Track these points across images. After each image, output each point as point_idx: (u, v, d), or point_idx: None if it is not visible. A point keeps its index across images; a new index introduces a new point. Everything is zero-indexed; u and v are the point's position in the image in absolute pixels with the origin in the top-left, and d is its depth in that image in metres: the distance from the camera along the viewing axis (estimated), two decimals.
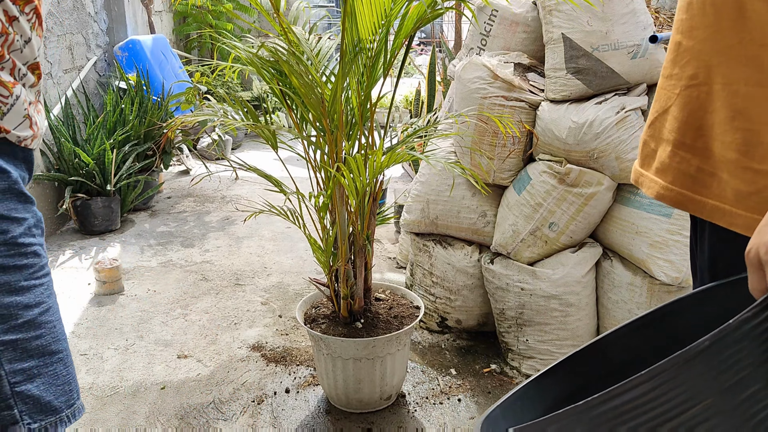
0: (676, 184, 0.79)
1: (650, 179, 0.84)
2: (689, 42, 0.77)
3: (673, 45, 0.81)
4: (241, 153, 5.25)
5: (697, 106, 0.76)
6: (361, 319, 1.75)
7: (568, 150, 1.87)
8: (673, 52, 0.81)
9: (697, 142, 0.76)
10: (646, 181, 0.84)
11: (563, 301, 1.94)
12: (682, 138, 0.78)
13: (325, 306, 1.85)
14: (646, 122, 0.86)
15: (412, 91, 5.54)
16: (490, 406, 0.92)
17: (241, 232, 3.37)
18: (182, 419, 1.72)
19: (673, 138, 0.79)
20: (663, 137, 0.82)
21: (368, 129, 1.67)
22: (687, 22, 0.77)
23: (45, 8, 3.62)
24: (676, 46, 0.80)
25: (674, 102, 0.79)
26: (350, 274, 1.71)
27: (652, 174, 0.83)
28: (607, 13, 1.81)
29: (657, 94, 0.84)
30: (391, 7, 1.42)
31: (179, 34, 6.14)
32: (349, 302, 1.72)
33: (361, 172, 1.46)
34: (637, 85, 1.90)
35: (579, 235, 1.98)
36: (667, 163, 0.80)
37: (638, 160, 0.88)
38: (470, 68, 1.98)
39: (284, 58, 1.48)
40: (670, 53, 0.82)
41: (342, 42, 1.48)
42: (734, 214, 0.72)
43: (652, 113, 0.85)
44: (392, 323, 1.75)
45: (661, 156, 0.82)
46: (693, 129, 0.77)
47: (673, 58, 0.80)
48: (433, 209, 2.17)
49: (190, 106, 3.92)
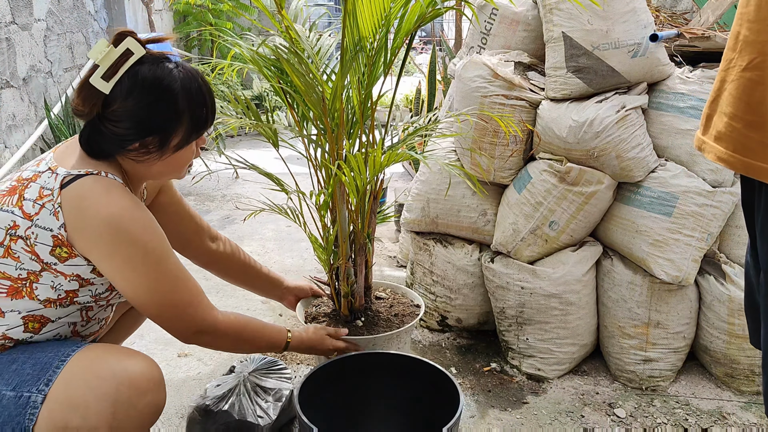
0: (736, 151, 0.94)
1: (710, 146, 0.99)
2: (747, 33, 0.92)
3: (733, 34, 0.96)
4: (239, 151, 5.25)
5: (750, 86, 0.91)
6: (361, 317, 1.74)
7: (568, 149, 1.87)
8: (733, 40, 0.96)
9: (750, 115, 0.91)
10: (707, 147, 1.00)
11: (563, 299, 1.94)
12: (736, 111, 0.94)
13: (326, 304, 1.85)
14: (708, 99, 1.02)
15: (412, 90, 5.54)
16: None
17: (242, 231, 3.37)
18: (183, 418, 1.73)
19: (729, 111, 0.95)
20: (721, 111, 0.97)
21: (369, 127, 1.67)
22: (746, 15, 0.93)
23: (45, 7, 3.62)
24: (736, 35, 0.95)
25: (731, 82, 0.95)
26: (351, 272, 1.71)
27: (711, 141, 0.99)
28: (608, 11, 1.80)
29: (718, 75, 1.00)
30: (390, 6, 1.41)
31: (179, 32, 6.14)
32: (349, 300, 1.72)
33: (362, 170, 1.47)
34: (638, 84, 1.90)
35: (579, 234, 1.98)
36: (723, 132, 0.96)
37: (700, 130, 1.04)
38: (471, 67, 1.98)
39: (285, 56, 1.48)
40: (730, 41, 0.97)
41: (343, 40, 1.48)
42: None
43: (713, 92, 1.01)
44: (393, 321, 1.75)
45: (718, 125, 0.98)
46: (746, 104, 0.92)
47: (733, 45, 0.96)
48: (433, 208, 2.17)
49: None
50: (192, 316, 1.21)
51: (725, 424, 1.76)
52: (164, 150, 1.20)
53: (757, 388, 1.88)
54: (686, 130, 1.85)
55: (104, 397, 1.06)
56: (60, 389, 1.07)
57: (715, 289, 1.87)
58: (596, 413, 1.80)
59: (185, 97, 1.18)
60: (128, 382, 1.09)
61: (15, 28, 3.25)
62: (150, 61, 1.17)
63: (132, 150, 1.17)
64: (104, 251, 1.11)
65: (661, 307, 1.89)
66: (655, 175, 1.87)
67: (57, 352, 1.13)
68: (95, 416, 1.06)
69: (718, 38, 1.91)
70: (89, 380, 1.08)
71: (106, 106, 1.14)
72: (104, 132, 1.15)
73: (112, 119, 1.14)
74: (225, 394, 1.58)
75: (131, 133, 1.15)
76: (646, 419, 1.78)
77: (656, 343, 1.91)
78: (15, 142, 3.22)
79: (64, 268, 1.14)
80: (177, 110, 1.17)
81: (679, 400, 1.87)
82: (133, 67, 1.14)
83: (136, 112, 1.14)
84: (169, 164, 1.23)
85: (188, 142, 1.22)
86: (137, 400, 1.09)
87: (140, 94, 1.14)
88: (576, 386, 1.94)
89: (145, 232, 1.14)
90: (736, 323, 1.84)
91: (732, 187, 1.84)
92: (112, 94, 1.13)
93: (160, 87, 1.15)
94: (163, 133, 1.18)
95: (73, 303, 1.18)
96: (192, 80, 1.20)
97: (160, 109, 1.16)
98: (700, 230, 1.82)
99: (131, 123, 1.14)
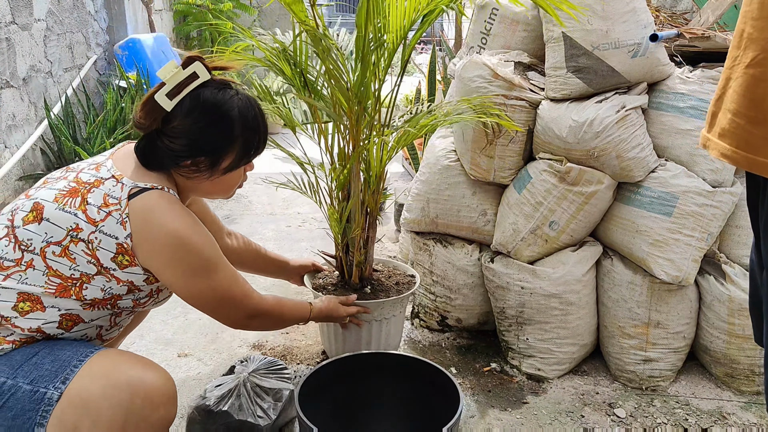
0: (740, 148, 0.95)
1: (714, 142, 0.99)
2: (751, 30, 0.93)
3: (738, 32, 0.97)
4: None
5: (754, 83, 0.92)
6: (368, 286, 1.91)
7: (568, 149, 1.87)
8: (737, 38, 0.97)
9: (754, 111, 0.92)
10: (712, 143, 1.00)
11: (563, 299, 1.94)
12: (740, 108, 0.94)
13: (331, 276, 1.99)
14: (713, 97, 1.02)
15: (412, 90, 5.54)
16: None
17: (242, 230, 3.37)
18: (183, 418, 1.73)
19: (733, 108, 0.95)
20: (725, 107, 0.98)
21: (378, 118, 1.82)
22: (750, 13, 0.94)
23: (45, 7, 3.62)
24: (740, 32, 0.96)
25: (736, 79, 0.96)
26: (362, 244, 1.86)
27: (716, 138, 0.99)
28: (608, 11, 1.80)
29: (723, 73, 1.00)
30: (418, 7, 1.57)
31: (179, 32, 6.14)
32: (360, 269, 1.89)
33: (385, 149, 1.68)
34: (638, 84, 1.89)
35: (579, 234, 1.98)
36: (727, 129, 0.96)
37: (705, 128, 1.04)
38: (470, 67, 1.98)
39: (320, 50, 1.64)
40: (735, 39, 0.98)
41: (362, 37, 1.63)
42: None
43: (718, 90, 1.01)
44: (394, 289, 1.92)
45: (722, 122, 0.98)
46: (749, 101, 0.93)
47: (737, 43, 0.96)
48: (433, 208, 2.17)
49: None
50: (245, 306, 1.35)
51: (725, 424, 1.76)
52: (214, 171, 1.27)
53: (757, 388, 1.88)
54: (686, 130, 1.85)
55: (118, 405, 1.08)
56: (75, 391, 1.09)
57: (715, 289, 1.87)
58: (596, 413, 1.80)
59: (241, 124, 1.25)
60: (143, 394, 1.11)
61: (15, 28, 3.25)
62: (213, 86, 1.24)
63: (183, 167, 1.25)
64: (167, 261, 1.20)
65: (661, 307, 1.89)
66: (655, 175, 1.87)
67: (77, 351, 1.15)
68: (106, 424, 1.07)
69: (718, 38, 1.91)
70: (105, 387, 1.09)
71: (166, 122, 1.21)
72: (160, 146, 1.22)
73: (169, 135, 1.21)
74: (225, 394, 1.59)
75: (185, 151, 1.22)
76: (646, 419, 1.78)
77: (656, 343, 1.91)
78: (15, 142, 3.22)
79: (121, 274, 1.19)
80: (232, 135, 1.25)
81: (679, 400, 1.87)
82: (196, 90, 1.22)
83: (193, 131, 1.21)
84: (218, 185, 1.32)
85: (238, 166, 1.31)
86: (150, 413, 1.11)
87: (199, 115, 1.21)
88: (576, 386, 1.94)
89: (204, 243, 1.23)
90: (736, 323, 1.84)
91: (732, 187, 1.84)
92: (173, 112, 1.21)
93: (218, 111, 1.23)
94: (215, 155, 1.25)
95: (113, 306, 1.24)
96: (249, 108, 1.28)
97: (216, 132, 1.23)
98: (700, 230, 1.82)
99: (186, 141, 1.21)
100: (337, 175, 1.81)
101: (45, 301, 1.16)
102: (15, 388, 1.09)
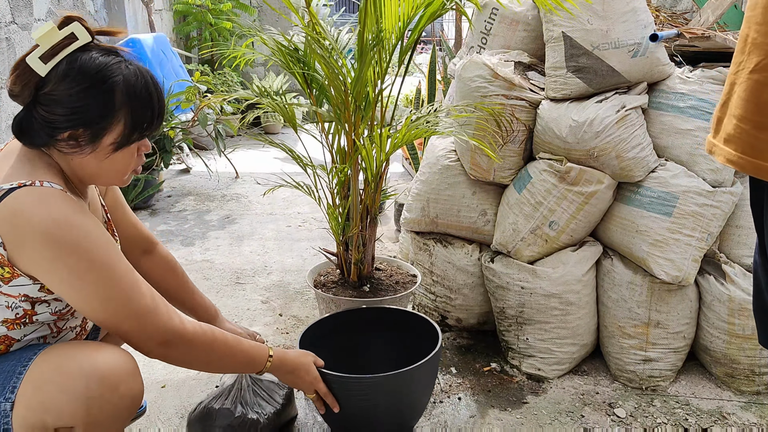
0: (745, 153, 0.94)
1: (720, 148, 0.99)
2: (755, 35, 0.93)
3: (742, 37, 0.96)
4: (237, 153, 5.24)
5: (759, 88, 0.92)
6: (367, 284, 1.91)
7: (568, 149, 1.87)
8: (741, 43, 0.96)
9: (759, 117, 0.92)
10: (717, 149, 1.00)
11: (563, 299, 1.94)
12: (745, 113, 0.94)
13: (332, 274, 2.01)
14: (719, 102, 1.02)
15: (412, 90, 5.54)
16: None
17: (242, 231, 3.37)
18: (182, 418, 1.73)
19: (738, 113, 0.95)
20: (730, 113, 0.97)
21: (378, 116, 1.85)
22: (754, 18, 0.93)
23: (45, 7, 3.62)
24: (744, 37, 0.96)
25: (740, 84, 0.95)
26: (360, 242, 1.87)
27: (721, 144, 0.99)
28: (608, 11, 1.80)
29: (728, 78, 1.00)
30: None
31: (179, 32, 6.14)
32: (359, 267, 1.89)
33: (383, 145, 1.68)
34: (638, 84, 1.89)
35: (579, 234, 1.98)
36: (733, 134, 0.96)
37: (710, 133, 1.04)
38: (471, 67, 1.98)
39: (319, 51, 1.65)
40: (739, 44, 0.97)
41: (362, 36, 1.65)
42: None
43: (723, 95, 1.01)
44: (394, 287, 1.92)
45: (728, 128, 0.98)
46: (754, 106, 0.92)
47: (741, 48, 0.96)
48: (433, 208, 2.17)
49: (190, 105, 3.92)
50: (155, 325, 1.11)
51: (725, 424, 1.76)
52: (96, 145, 1.10)
53: (757, 388, 1.88)
54: (686, 129, 1.85)
55: (75, 396, 1.03)
56: (29, 393, 1.04)
57: (715, 289, 1.87)
58: (596, 413, 1.80)
59: (126, 92, 1.09)
60: (98, 378, 1.05)
61: (15, 28, 3.25)
62: (95, 50, 1.10)
63: (61, 140, 1.09)
64: (47, 266, 1.03)
65: (661, 307, 1.89)
66: (655, 174, 1.87)
67: (19, 358, 1.10)
68: (69, 416, 1.03)
69: (717, 38, 1.91)
70: (59, 381, 1.05)
71: (40, 88, 1.07)
72: (35, 117, 1.08)
73: (43, 103, 1.07)
74: (225, 393, 1.58)
75: (60, 121, 1.07)
76: (646, 419, 1.78)
77: (656, 342, 1.91)
78: None
79: (9, 290, 1.07)
80: (113, 104, 1.08)
81: (679, 400, 1.87)
82: (74, 53, 1.07)
83: (68, 98, 1.06)
84: (106, 166, 1.14)
85: (128, 143, 1.13)
86: (110, 394, 1.06)
87: (75, 79, 1.06)
88: (576, 386, 1.94)
89: (87, 239, 1.04)
90: (736, 323, 1.84)
91: (732, 187, 1.84)
92: (47, 77, 1.06)
93: (98, 76, 1.07)
94: (95, 127, 1.09)
95: (34, 322, 1.14)
96: (138, 77, 1.11)
97: (94, 100, 1.07)
98: (700, 230, 1.82)
99: (61, 109, 1.06)
100: (337, 174, 1.81)
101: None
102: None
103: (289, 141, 1.93)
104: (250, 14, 6.25)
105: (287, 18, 1.93)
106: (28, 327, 1.13)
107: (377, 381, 1.45)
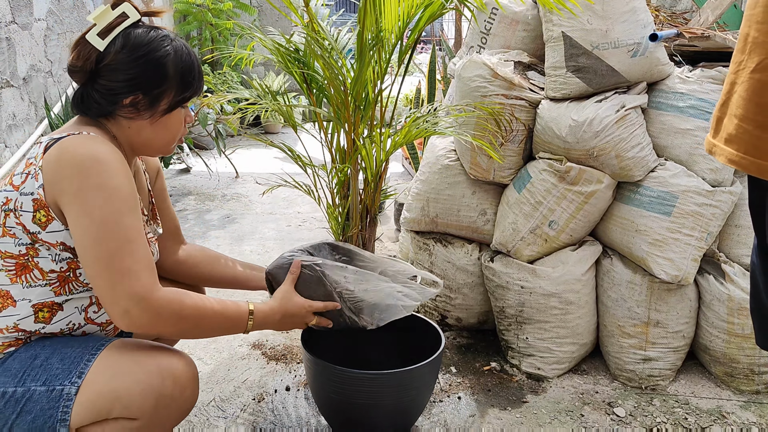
0: (747, 153, 0.94)
1: (721, 148, 0.99)
2: (756, 34, 0.92)
3: (742, 36, 0.96)
4: (237, 153, 5.24)
5: (760, 87, 0.91)
6: None
7: (568, 148, 1.88)
8: (741, 42, 0.96)
9: (760, 116, 0.91)
10: (718, 149, 1.00)
11: (563, 299, 1.94)
12: (746, 113, 0.93)
13: None
14: (718, 102, 1.01)
15: (412, 90, 5.54)
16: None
17: (242, 230, 3.37)
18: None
19: (740, 113, 0.94)
20: (731, 113, 0.97)
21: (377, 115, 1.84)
22: (755, 17, 0.93)
23: (45, 7, 3.62)
24: (745, 36, 0.95)
25: (741, 84, 0.95)
26: (360, 242, 1.87)
27: (722, 144, 0.98)
28: (607, 11, 1.81)
29: (727, 78, 0.99)
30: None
31: (179, 32, 6.13)
32: None
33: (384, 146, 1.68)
34: (637, 84, 1.90)
35: (579, 234, 1.98)
36: (734, 134, 0.95)
37: (710, 133, 1.03)
38: (470, 66, 1.99)
39: (318, 51, 1.65)
40: (739, 43, 0.97)
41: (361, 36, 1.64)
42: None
43: (722, 95, 1.00)
44: None
45: (728, 128, 0.97)
46: (756, 105, 0.92)
47: (742, 47, 0.95)
48: (433, 207, 2.18)
49: (190, 105, 3.91)
50: (126, 288, 1.05)
51: (725, 423, 1.76)
52: (154, 111, 1.21)
53: (756, 388, 1.89)
54: (686, 129, 1.85)
55: (150, 390, 1.09)
56: (103, 380, 1.09)
57: (714, 289, 1.87)
58: (596, 412, 1.80)
59: (175, 61, 1.22)
60: (173, 378, 1.13)
61: (15, 28, 3.25)
62: (143, 27, 1.22)
63: (123, 107, 1.19)
64: (69, 197, 1.07)
65: (660, 306, 1.89)
66: (654, 174, 1.87)
67: (86, 346, 1.15)
68: (137, 408, 1.09)
69: (717, 38, 1.91)
70: (136, 373, 1.10)
71: (99, 62, 1.17)
72: (97, 89, 1.18)
73: (104, 74, 1.17)
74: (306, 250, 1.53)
75: (122, 87, 1.17)
76: (646, 418, 1.78)
77: (656, 342, 1.91)
78: (15, 142, 3.22)
79: (47, 236, 1.12)
80: (166, 70, 1.21)
81: (679, 399, 1.88)
82: (127, 29, 1.19)
83: (127, 66, 1.17)
84: (159, 131, 1.24)
85: (176, 106, 1.25)
86: (179, 395, 1.13)
87: (131, 50, 1.18)
88: (575, 385, 1.94)
89: (113, 179, 1.08)
90: (736, 322, 1.84)
91: (732, 187, 1.85)
92: (105, 51, 1.17)
93: (150, 46, 1.19)
94: (153, 91, 1.20)
95: (76, 278, 1.18)
96: (183, 48, 1.25)
97: (151, 67, 1.19)
98: (700, 230, 1.82)
99: (123, 76, 1.17)
100: (336, 173, 1.82)
101: (14, 294, 1.15)
102: (29, 392, 1.09)
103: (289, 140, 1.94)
104: (250, 14, 6.25)
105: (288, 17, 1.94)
106: (72, 288, 1.18)
107: (381, 377, 1.47)
